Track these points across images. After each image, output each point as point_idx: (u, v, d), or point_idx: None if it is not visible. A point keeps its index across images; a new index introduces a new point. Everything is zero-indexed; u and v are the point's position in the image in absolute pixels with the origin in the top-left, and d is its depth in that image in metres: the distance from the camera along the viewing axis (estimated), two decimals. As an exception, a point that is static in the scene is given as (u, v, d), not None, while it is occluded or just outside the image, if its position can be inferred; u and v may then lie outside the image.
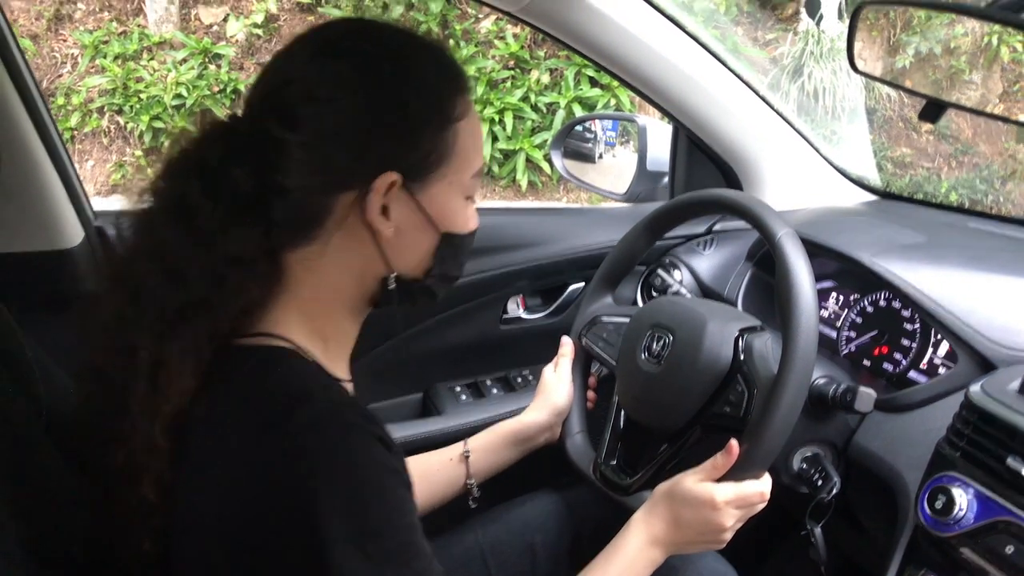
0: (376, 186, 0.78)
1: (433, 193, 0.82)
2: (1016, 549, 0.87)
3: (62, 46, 5.76)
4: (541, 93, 5.46)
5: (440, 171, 0.81)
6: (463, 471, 1.20)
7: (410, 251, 0.84)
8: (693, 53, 1.48)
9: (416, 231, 0.83)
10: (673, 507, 0.99)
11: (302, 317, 0.81)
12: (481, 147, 0.88)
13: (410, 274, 0.85)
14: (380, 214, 0.79)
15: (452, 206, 0.84)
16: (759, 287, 1.43)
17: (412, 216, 0.82)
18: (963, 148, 5.64)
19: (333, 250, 0.81)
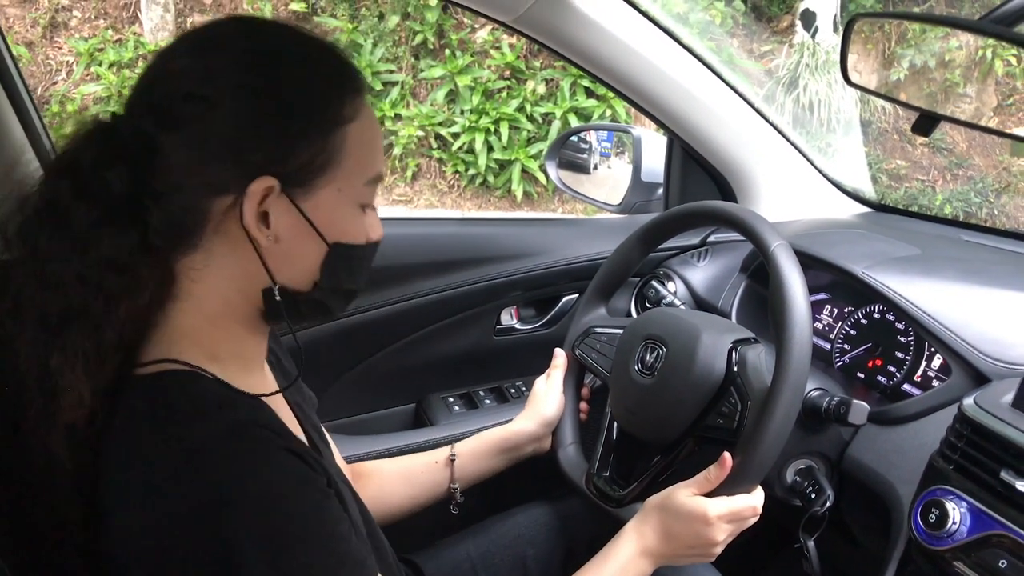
0: (251, 191, 0.74)
1: (319, 200, 0.77)
2: (1009, 563, 0.86)
3: (57, 53, 5.77)
4: (537, 103, 5.47)
5: (326, 177, 0.77)
6: (447, 475, 1.19)
7: (294, 261, 0.79)
8: (688, 65, 1.48)
9: (300, 241, 0.78)
10: (665, 519, 0.99)
11: (196, 333, 0.78)
12: (379, 152, 0.83)
13: (296, 286, 0.80)
14: (258, 221, 0.75)
15: (342, 214, 0.80)
16: (753, 299, 1.43)
17: (295, 224, 0.77)
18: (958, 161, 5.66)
19: (216, 258, 0.77)
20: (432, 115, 5.51)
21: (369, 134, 0.80)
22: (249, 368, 0.85)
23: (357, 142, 0.78)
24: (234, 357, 0.81)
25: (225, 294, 0.79)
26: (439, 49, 5.68)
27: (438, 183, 5.69)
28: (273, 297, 0.79)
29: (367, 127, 0.80)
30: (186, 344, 0.78)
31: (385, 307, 1.53)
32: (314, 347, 1.46)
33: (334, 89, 0.77)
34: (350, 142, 0.77)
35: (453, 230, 1.70)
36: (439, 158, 5.64)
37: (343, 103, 0.77)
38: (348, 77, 0.79)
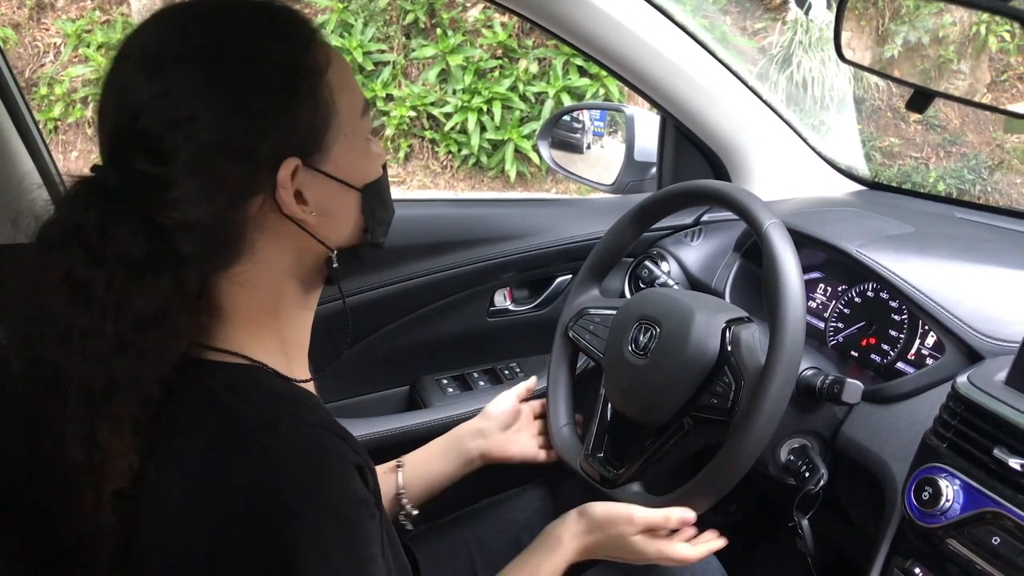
0: (281, 180, 0.72)
1: (336, 155, 0.76)
2: (1002, 540, 0.87)
3: (44, 35, 5.71)
4: (529, 83, 5.44)
5: (331, 131, 0.76)
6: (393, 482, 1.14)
7: (339, 222, 0.80)
8: (681, 43, 1.47)
9: (337, 201, 0.78)
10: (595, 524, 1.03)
11: (254, 324, 0.77)
12: (355, 83, 0.80)
13: (348, 242, 0.81)
14: (297, 204, 0.74)
15: (357, 156, 0.79)
16: (747, 278, 1.43)
17: (327, 189, 0.76)
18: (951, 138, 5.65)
19: (262, 256, 0.76)
20: (424, 95, 5.48)
21: (344, 70, 0.78)
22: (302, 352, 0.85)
23: (339, 84, 0.76)
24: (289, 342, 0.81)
25: (277, 283, 0.78)
26: (430, 28, 5.63)
27: (431, 164, 5.67)
28: (332, 264, 0.80)
29: (340, 65, 0.78)
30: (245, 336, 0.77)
31: (378, 289, 1.52)
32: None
33: (297, 45, 0.74)
34: (334, 86, 0.76)
35: (446, 211, 1.69)
36: (431, 139, 5.61)
37: (311, 54, 0.75)
38: (301, 26, 0.76)
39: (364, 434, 1.47)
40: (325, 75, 0.75)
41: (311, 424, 0.72)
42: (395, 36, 5.64)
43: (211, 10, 0.74)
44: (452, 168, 5.66)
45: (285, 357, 0.80)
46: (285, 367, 0.79)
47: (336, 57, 0.77)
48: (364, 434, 1.47)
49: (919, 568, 0.96)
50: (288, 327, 0.81)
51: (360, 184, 0.79)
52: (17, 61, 5.59)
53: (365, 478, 0.74)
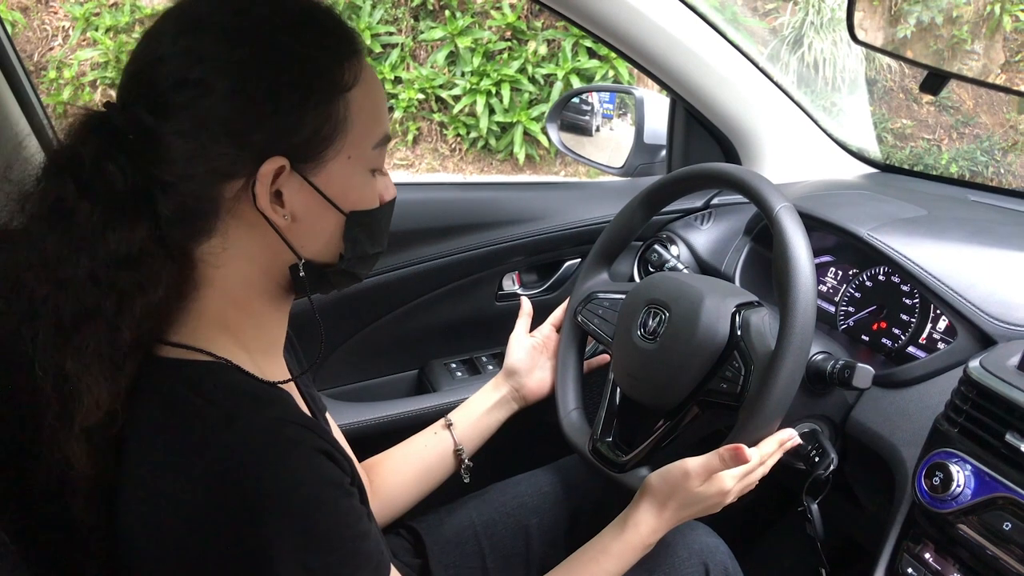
0: (261, 173, 0.72)
1: (331, 172, 0.76)
2: (1014, 525, 0.86)
3: (53, 19, 5.70)
4: (538, 65, 5.41)
5: (335, 147, 0.75)
6: (449, 440, 1.19)
7: (315, 236, 0.78)
8: (691, 23, 1.45)
9: (317, 215, 0.77)
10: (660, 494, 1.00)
11: (222, 318, 0.78)
12: (382, 114, 0.80)
13: (321, 259, 0.80)
14: (273, 202, 0.74)
15: (355, 182, 0.78)
16: (757, 262, 1.42)
17: (310, 200, 0.76)
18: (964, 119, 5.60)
19: (234, 242, 0.76)
20: (432, 77, 5.46)
21: (372, 97, 0.78)
22: (272, 353, 0.85)
23: (361, 107, 0.76)
24: (258, 342, 0.81)
25: (247, 276, 0.78)
26: (439, 10, 5.60)
27: (439, 147, 5.65)
28: (299, 273, 0.78)
29: (369, 90, 0.77)
30: (212, 332, 0.77)
31: (387, 273, 1.52)
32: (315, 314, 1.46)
33: (330, 55, 0.75)
34: (354, 108, 0.76)
35: (454, 195, 1.68)
36: (440, 121, 5.59)
37: (342, 69, 0.75)
38: (344, 40, 0.76)
39: (373, 418, 1.47)
40: (347, 93, 0.75)
41: (270, 417, 0.72)
42: (403, 18, 5.61)
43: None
44: (461, 151, 5.64)
45: (253, 356, 0.79)
46: (252, 366, 0.78)
47: (368, 80, 0.77)
48: (373, 418, 1.47)
49: (929, 553, 0.96)
50: (258, 326, 0.81)
51: (347, 209, 0.78)
52: (26, 45, 5.59)
53: (336, 461, 0.74)
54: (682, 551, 1.12)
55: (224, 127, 0.71)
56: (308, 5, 0.77)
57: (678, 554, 1.11)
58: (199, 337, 0.76)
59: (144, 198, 0.72)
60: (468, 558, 1.17)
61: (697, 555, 1.13)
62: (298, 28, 0.74)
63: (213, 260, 0.76)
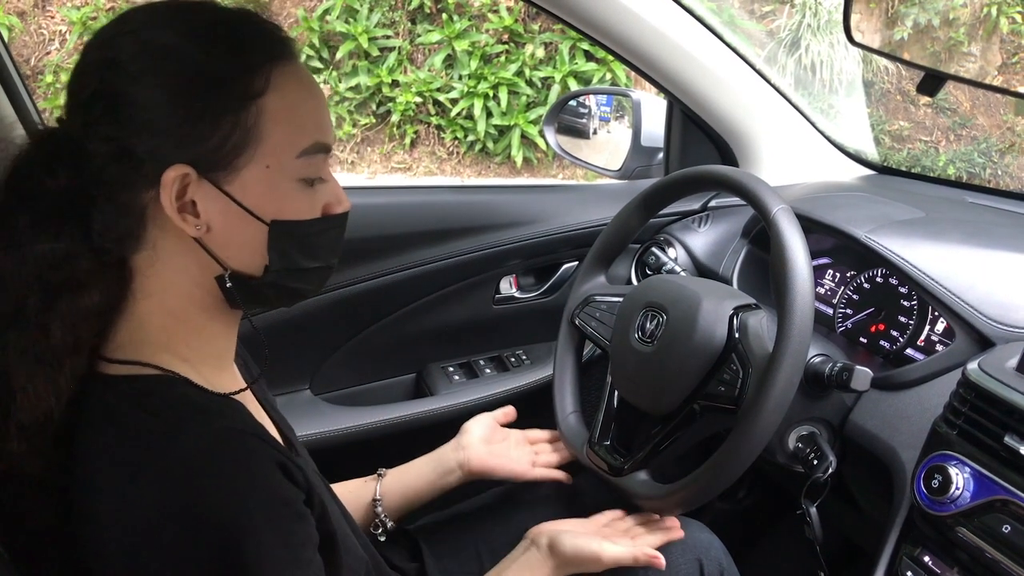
0: (163, 181, 0.71)
1: (246, 180, 0.74)
2: (1013, 528, 0.86)
3: (50, 23, 5.70)
4: (536, 68, 5.41)
5: (247, 155, 0.73)
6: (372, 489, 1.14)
7: (238, 246, 0.77)
8: (688, 26, 1.45)
9: (236, 225, 0.75)
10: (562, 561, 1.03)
11: (165, 332, 0.77)
12: (309, 122, 0.77)
13: (248, 271, 0.78)
14: (183, 211, 0.73)
15: (278, 191, 0.76)
16: (755, 264, 1.42)
17: (226, 209, 0.74)
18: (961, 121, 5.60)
19: (163, 253, 0.76)
20: (430, 81, 5.46)
21: (292, 104, 0.75)
22: (221, 366, 0.83)
23: (276, 115, 0.74)
24: (205, 356, 0.80)
25: (183, 287, 0.78)
26: (436, 13, 5.61)
27: (437, 150, 5.65)
28: (225, 284, 0.77)
29: (289, 97, 0.75)
30: (156, 346, 0.76)
31: (384, 277, 1.52)
32: (312, 318, 1.46)
33: (238, 63, 0.73)
34: (266, 116, 0.73)
35: (451, 198, 1.68)
36: (437, 125, 5.60)
37: (251, 76, 0.73)
38: (258, 47, 0.75)
39: (370, 422, 1.47)
40: (259, 100, 0.73)
41: (219, 427, 0.72)
42: (401, 21, 5.61)
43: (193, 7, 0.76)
44: (458, 154, 5.64)
45: (199, 368, 0.78)
46: (199, 378, 0.77)
47: (288, 89, 0.75)
48: (370, 422, 1.47)
49: (928, 556, 0.95)
50: (202, 339, 0.80)
51: (270, 218, 0.76)
52: (23, 49, 5.59)
53: (291, 475, 0.74)
54: (675, 547, 1.11)
55: (135, 136, 0.72)
56: (228, 14, 0.76)
57: (672, 550, 1.11)
58: (143, 352, 0.76)
59: (75, 208, 0.73)
60: (466, 564, 1.16)
61: (691, 551, 1.13)
62: (205, 38, 0.74)
63: (147, 270, 0.76)
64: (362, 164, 5.60)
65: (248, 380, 0.88)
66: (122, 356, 0.76)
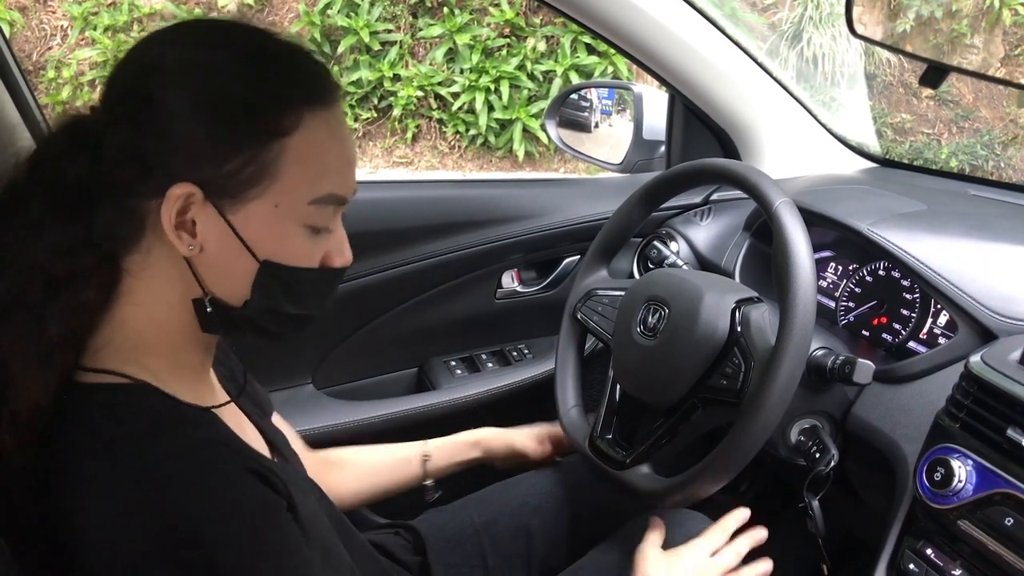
0: (168, 196, 0.71)
1: (250, 213, 0.73)
2: (1016, 521, 0.86)
3: (51, 18, 5.69)
4: (537, 61, 5.39)
5: (259, 189, 0.72)
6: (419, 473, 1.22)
7: (224, 274, 0.76)
8: (689, 19, 1.45)
9: (229, 254, 0.74)
10: None
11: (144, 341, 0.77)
12: (332, 171, 0.76)
13: (228, 300, 0.77)
14: (180, 228, 0.73)
15: (280, 232, 0.75)
16: (757, 258, 1.42)
17: (223, 236, 0.74)
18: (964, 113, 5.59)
19: (154, 261, 0.75)
20: (431, 75, 5.45)
21: (317, 150, 0.74)
22: (196, 378, 0.83)
23: (297, 157, 0.73)
24: (178, 368, 0.79)
25: (167, 299, 0.77)
26: (437, 7, 5.59)
27: (439, 144, 5.64)
28: (203, 307, 0.77)
29: (315, 142, 0.74)
30: (134, 355, 0.76)
31: (385, 271, 1.52)
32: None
33: (271, 98, 0.72)
34: (288, 156, 0.72)
35: (452, 192, 1.68)
36: (439, 119, 5.58)
37: (281, 113, 0.72)
38: (298, 86, 0.74)
39: (372, 416, 1.47)
40: (282, 139, 0.72)
41: (191, 437, 0.72)
42: (402, 15, 5.60)
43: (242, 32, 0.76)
44: (460, 148, 5.63)
45: (172, 380, 0.77)
46: (175, 387, 0.77)
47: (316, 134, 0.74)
48: (372, 416, 1.47)
49: (931, 549, 0.95)
50: (179, 350, 0.79)
51: (263, 256, 0.75)
52: (24, 44, 5.58)
53: (269, 482, 0.73)
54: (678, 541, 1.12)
55: (148, 142, 0.72)
56: (272, 44, 0.76)
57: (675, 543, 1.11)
58: (119, 359, 0.75)
59: (86, 200, 0.73)
60: (469, 557, 1.17)
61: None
62: (247, 66, 0.73)
63: (136, 272, 0.76)
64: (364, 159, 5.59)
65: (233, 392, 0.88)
66: (97, 362, 0.75)
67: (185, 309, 0.78)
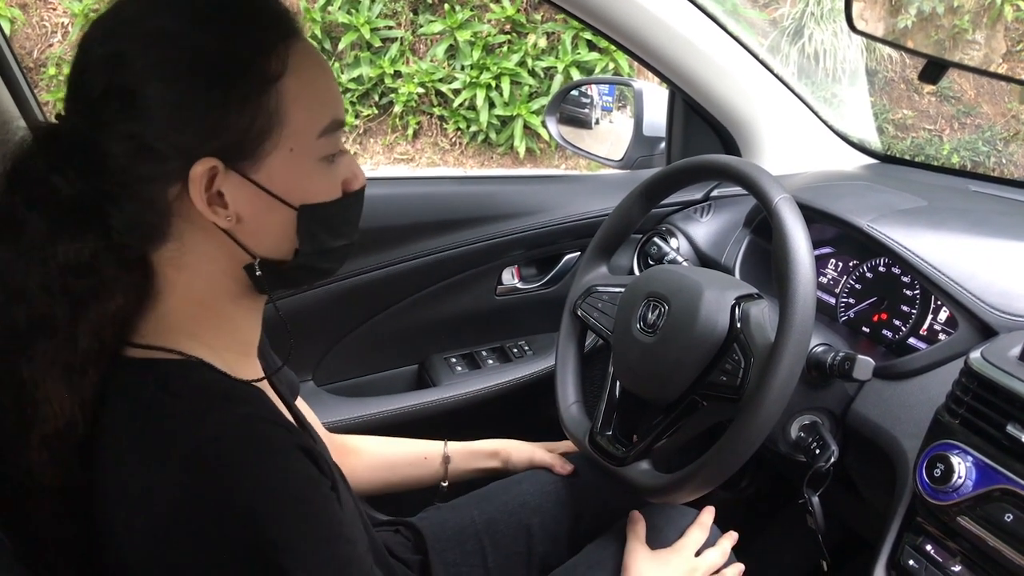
0: (192, 176, 0.70)
1: (272, 167, 0.72)
2: (1015, 517, 0.86)
3: (52, 15, 5.69)
4: (538, 58, 5.39)
5: (272, 141, 0.72)
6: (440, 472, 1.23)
7: (267, 234, 0.75)
8: (690, 15, 1.44)
9: (264, 213, 0.74)
10: None
11: (189, 321, 0.76)
12: (325, 99, 0.75)
13: (277, 256, 0.77)
14: (213, 204, 0.72)
15: (302, 174, 0.75)
16: (757, 254, 1.42)
17: (254, 198, 0.73)
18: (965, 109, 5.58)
19: (191, 245, 0.74)
20: (432, 71, 5.45)
21: (309, 83, 0.73)
22: (246, 353, 0.83)
23: (296, 96, 0.72)
24: (229, 344, 0.80)
25: (210, 278, 0.77)
26: (438, 3, 5.58)
27: (440, 141, 5.64)
28: (254, 272, 0.77)
29: (305, 76, 0.73)
30: (180, 335, 0.76)
31: (386, 268, 1.52)
32: (314, 309, 1.46)
33: (252, 47, 0.71)
34: (287, 98, 0.72)
35: (452, 188, 1.68)
36: (440, 115, 5.58)
37: (268, 59, 0.71)
38: (269, 28, 0.73)
39: (373, 413, 1.47)
40: (276, 84, 0.71)
41: (242, 414, 0.71)
42: (403, 12, 5.59)
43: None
44: (461, 145, 5.63)
45: (226, 355, 0.78)
46: (225, 364, 0.77)
47: (304, 68, 0.73)
48: (373, 413, 1.47)
49: (930, 545, 0.95)
50: (229, 325, 0.80)
51: (297, 202, 0.75)
52: (25, 42, 5.58)
53: (316, 461, 0.73)
54: (673, 537, 1.12)
55: (155, 132, 0.69)
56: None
57: (669, 540, 1.12)
58: (167, 339, 0.75)
59: (93, 208, 0.71)
60: (469, 556, 1.17)
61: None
62: (213, 23, 0.71)
63: (173, 264, 0.75)
64: (365, 155, 5.59)
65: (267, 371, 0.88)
66: (144, 337, 0.75)
67: (231, 280, 0.78)
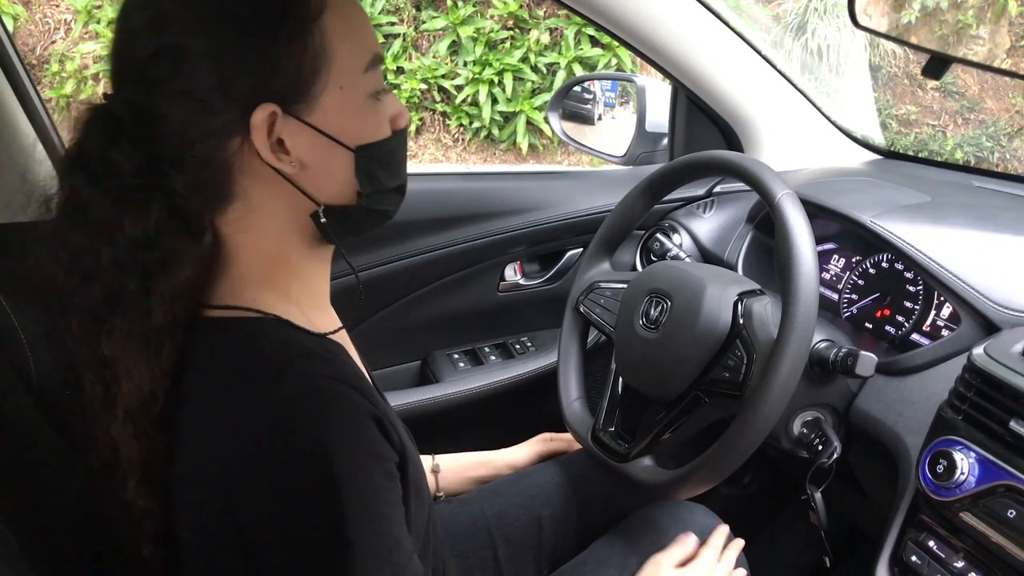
0: (254, 125, 0.71)
1: (326, 107, 0.73)
2: (1018, 513, 0.86)
3: (54, 12, 5.69)
4: (541, 53, 5.39)
5: (321, 81, 0.72)
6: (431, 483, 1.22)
7: (328, 178, 0.76)
8: (693, 11, 1.44)
9: (325, 156, 0.75)
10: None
11: (264, 275, 0.77)
12: (365, 34, 0.76)
13: (341, 201, 0.78)
14: (274, 152, 0.72)
15: (355, 112, 0.75)
16: (760, 250, 1.41)
17: (313, 142, 0.74)
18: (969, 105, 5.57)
19: (256, 200, 0.75)
20: (435, 67, 5.44)
21: (348, 19, 0.74)
22: (320, 306, 0.84)
23: (337, 32, 0.73)
24: (304, 294, 0.81)
25: (278, 232, 0.77)
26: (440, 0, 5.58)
27: (442, 137, 5.64)
28: (320, 220, 0.77)
29: (343, 12, 0.73)
30: (258, 291, 0.77)
31: (389, 264, 1.52)
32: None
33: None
34: (330, 35, 0.72)
35: (455, 185, 1.68)
36: (443, 112, 5.58)
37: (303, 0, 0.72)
38: None
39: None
40: (319, 21, 0.71)
41: (320, 375, 0.72)
42: (405, 8, 5.59)
43: None
44: (464, 141, 5.63)
45: (301, 309, 0.79)
46: (303, 319, 0.78)
47: (341, 4, 0.73)
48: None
49: (933, 541, 0.95)
50: (301, 278, 0.81)
51: (354, 143, 0.76)
52: (28, 39, 5.58)
53: (386, 432, 0.73)
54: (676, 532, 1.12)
55: (207, 87, 0.70)
56: None
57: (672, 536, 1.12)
58: (245, 298, 0.76)
59: (155, 178, 0.71)
60: (480, 549, 1.17)
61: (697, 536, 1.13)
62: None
63: (240, 227, 0.76)
64: (367, 152, 5.59)
65: None
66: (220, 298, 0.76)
67: (297, 234, 0.78)
